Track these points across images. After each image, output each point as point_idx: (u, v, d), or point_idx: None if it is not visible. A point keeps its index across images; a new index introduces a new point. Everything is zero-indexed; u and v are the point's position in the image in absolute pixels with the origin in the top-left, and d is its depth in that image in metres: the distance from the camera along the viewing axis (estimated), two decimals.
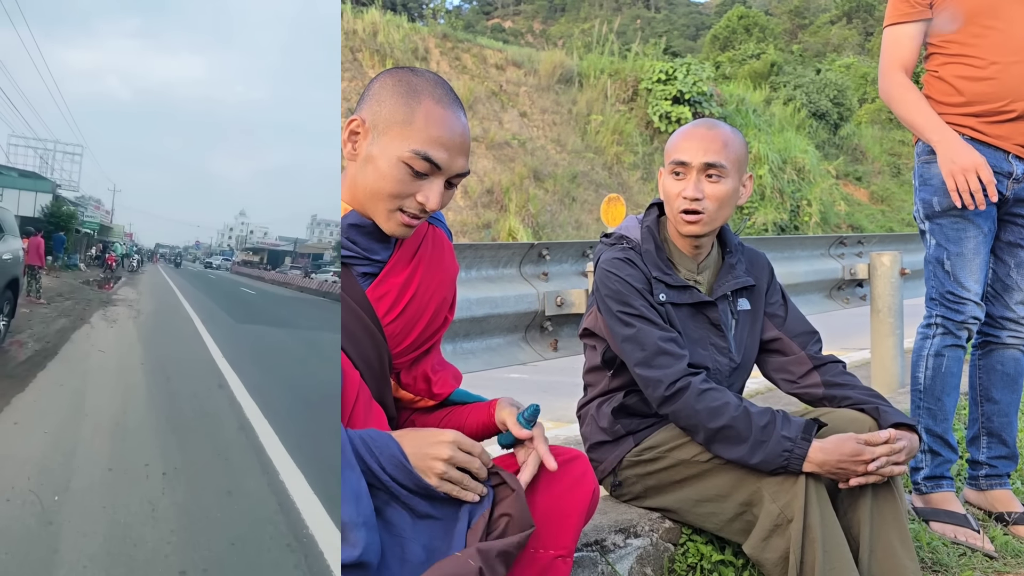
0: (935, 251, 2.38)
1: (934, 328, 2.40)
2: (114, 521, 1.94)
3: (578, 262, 3.29)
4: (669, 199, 1.92)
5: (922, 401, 2.42)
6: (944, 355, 2.38)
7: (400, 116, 1.35)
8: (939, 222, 2.35)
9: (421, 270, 1.48)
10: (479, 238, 13.55)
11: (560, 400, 4.93)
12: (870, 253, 4.29)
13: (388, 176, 1.34)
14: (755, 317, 2.03)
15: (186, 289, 16.83)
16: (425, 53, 16.66)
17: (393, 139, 1.34)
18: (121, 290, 13.81)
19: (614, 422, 1.98)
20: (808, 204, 17.40)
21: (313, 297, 19.75)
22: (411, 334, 1.48)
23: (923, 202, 2.39)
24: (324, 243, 13.57)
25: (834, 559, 1.66)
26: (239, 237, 21.57)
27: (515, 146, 15.83)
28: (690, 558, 1.97)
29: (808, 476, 1.71)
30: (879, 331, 4.10)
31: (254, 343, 7.54)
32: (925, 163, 2.36)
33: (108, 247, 20.88)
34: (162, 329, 8.06)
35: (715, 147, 1.86)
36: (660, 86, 17.11)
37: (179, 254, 18.04)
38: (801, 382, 2.00)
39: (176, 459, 2.56)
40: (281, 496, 2.19)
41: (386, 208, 1.36)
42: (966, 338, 2.39)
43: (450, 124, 1.36)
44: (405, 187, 1.34)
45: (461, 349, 2.82)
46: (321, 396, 4.56)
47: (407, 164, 1.33)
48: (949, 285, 2.35)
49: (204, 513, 2.06)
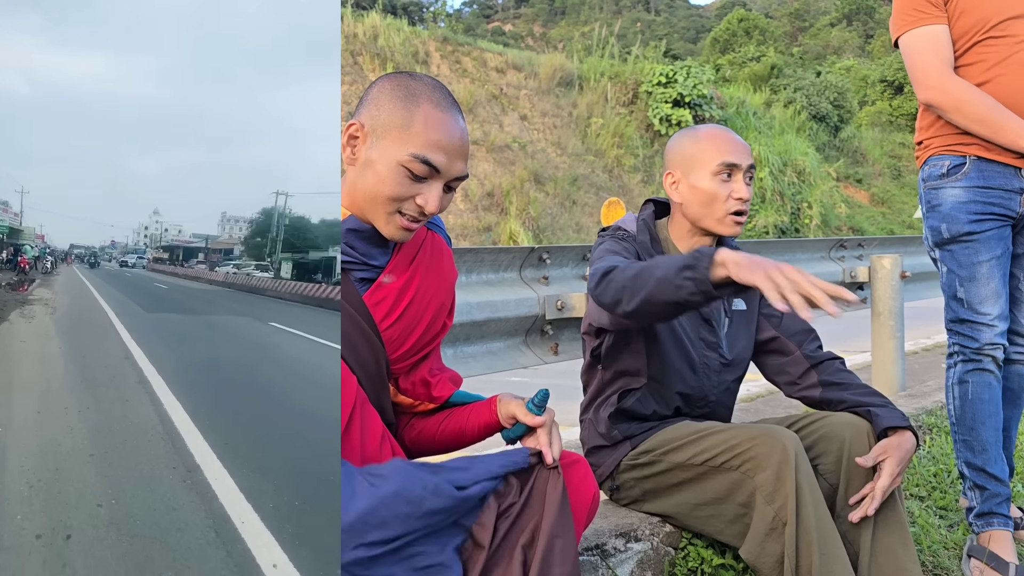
0: (947, 279, 2.26)
1: (955, 357, 2.28)
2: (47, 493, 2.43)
3: (579, 266, 3.30)
4: (714, 201, 1.90)
5: (957, 434, 2.28)
6: (968, 381, 2.25)
7: (399, 120, 1.35)
8: (949, 249, 2.23)
9: (419, 275, 1.48)
10: (480, 241, 13.56)
11: (561, 403, 4.92)
12: (870, 256, 4.29)
13: (387, 180, 1.34)
14: (750, 318, 2.04)
15: (101, 286, 17.51)
16: (426, 57, 16.68)
17: (392, 143, 1.34)
18: (36, 291, 14.31)
19: (612, 427, 1.98)
20: (809, 206, 17.40)
21: (220, 288, 20.47)
22: (409, 339, 1.47)
23: (932, 230, 2.26)
24: (234, 239, 13.75)
25: (831, 561, 1.66)
26: (153, 236, 21.78)
27: (515, 149, 15.84)
28: (691, 562, 1.97)
29: (800, 478, 1.70)
30: (880, 334, 4.10)
31: (164, 329, 8.08)
32: (933, 188, 2.24)
33: (19, 250, 20.82)
34: (78, 321, 8.58)
35: (749, 151, 1.94)
36: (660, 89, 17.13)
37: (95, 254, 18.02)
38: (800, 383, 2.00)
39: (95, 431, 3.25)
40: (184, 456, 2.92)
41: (385, 211, 1.36)
42: (991, 362, 2.25)
43: (448, 128, 1.36)
44: (404, 190, 1.34)
45: (462, 353, 2.81)
46: (233, 375, 5.44)
47: (406, 168, 1.33)
48: (963, 313, 2.23)
49: (124, 475, 2.64)
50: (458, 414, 1.57)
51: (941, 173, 2.22)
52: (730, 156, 1.90)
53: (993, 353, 2.22)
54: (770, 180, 16.82)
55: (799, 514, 1.67)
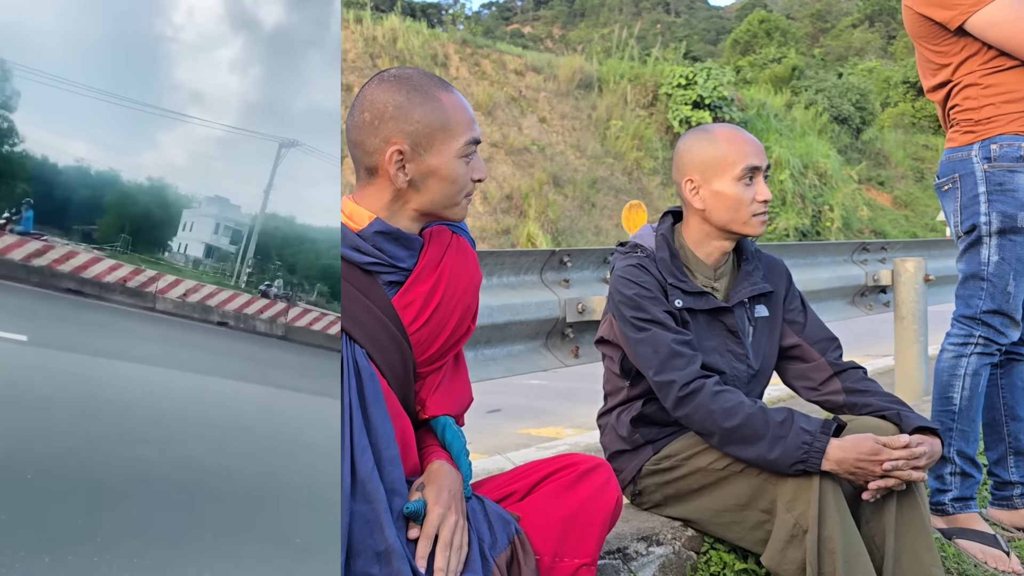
0: (998, 268, 2.19)
1: (974, 347, 2.26)
2: None
3: (599, 269, 3.29)
4: (740, 205, 1.91)
5: (956, 423, 2.30)
6: (981, 374, 2.26)
7: (436, 121, 1.41)
8: (1013, 239, 2.19)
9: (446, 278, 1.49)
10: (498, 244, 13.57)
11: (580, 407, 4.93)
12: (893, 259, 4.25)
13: (455, 176, 1.43)
14: (774, 324, 2.02)
15: None
16: (444, 59, 16.73)
17: (443, 144, 1.41)
18: None
19: (633, 431, 1.98)
20: (830, 209, 17.27)
21: None
22: (436, 342, 1.48)
23: (1002, 215, 2.20)
24: None
25: (855, 570, 1.65)
26: None
27: (534, 152, 15.84)
28: (713, 566, 1.96)
29: (824, 484, 1.70)
30: (903, 338, 4.06)
31: None
32: (1007, 170, 2.18)
33: None
34: None
35: (763, 149, 1.96)
36: (680, 91, 17.07)
37: None
38: (822, 389, 1.99)
39: None
40: None
41: (454, 203, 1.46)
42: (998, 358, 2.29)
43: (463, 102, 1.46)
44: (466, 174, 1.45)
45: (482, 356, 2.82)
46: None
47: (463, 157, 1.43)
48: (1006, 307, 2.19)
49: None
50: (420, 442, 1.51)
51: (1019, 155, 2.16)
52: (753, 159, 1.91)
53: (1005, 350, 2.29)
54: (791, 183, 16.71)
55: (822, 521, 1.67)
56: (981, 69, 2.21)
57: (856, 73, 27.28)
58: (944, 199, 2.36)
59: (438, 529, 1.32)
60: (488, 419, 4.78)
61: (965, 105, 2.26)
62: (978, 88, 2.22)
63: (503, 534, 1.40)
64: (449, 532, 1.32)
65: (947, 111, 2.34)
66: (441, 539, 1.31)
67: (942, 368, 2.35)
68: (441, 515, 1.33)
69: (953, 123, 2.32)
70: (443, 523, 1.33)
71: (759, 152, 1.93)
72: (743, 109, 18.32)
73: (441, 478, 1.39)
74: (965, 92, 2.25)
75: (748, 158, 1.90)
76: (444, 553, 1.30)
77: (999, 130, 2.20)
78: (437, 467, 1.42)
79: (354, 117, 1.43)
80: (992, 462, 2.48)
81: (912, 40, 2.37)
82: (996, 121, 2.20)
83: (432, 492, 1.36)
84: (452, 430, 1.50)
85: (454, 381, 1.56)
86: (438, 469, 1.41)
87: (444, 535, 1.32)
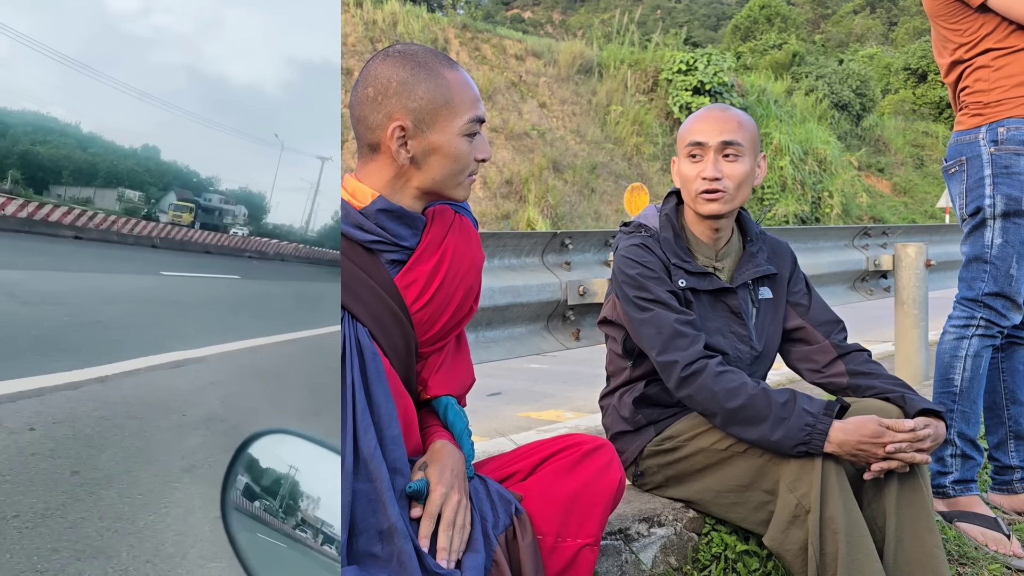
0: (1001, 251, 2.20)
1: (975, 329, 2.27)
2: None
3: (601, 251, 3.28)
4: (687, 182, 1.91)
5: (957, 405, 2.31)
6: (982, 356, 2.27)
7: (440, 98, 1.38)
8: (1017, 221, 2.19)
9: (449, 258, 1.48)
10: (498, 229, 13.55)
11: (581, 390, 4.93)
12: (895, 244, 4.24)
13: (457, 154, 1.40)
14: (777, 306, 2.01)
15: None
16: (445, 44, 16.64)
17: (446, 121, 1.39)
18: None
19: (635, 412, 1.98)
20: (830, 196, 17.25)
21: None
22: (438, 322, 1.47)
23: (1007, 197, 2.19)
24: None
25: (857, 550, 1.65)
26: None
27: (534, 137, 15.79)
28: (714, 548, 1.96)
29: (826, 465, 1.69)
30: (903, 323, 4.06)
31: None
32: (1015, 154, 2.18)
33: None
34: None
35: (730, 127, 1.88)
36: (680, 76, 17.01)
37: None
38: (825, 371, 1.98)
39: None
40: None
41: (458, 181, 1.44)
42: (999, 340, 2.30)
43: (468, 79, 1.43)
44: (469, 154, 1.42)
45: (484, 338, 2.82)
46: None
47: (467, 135, 1.40)
48: (1008, 289, 2.20)
49: None
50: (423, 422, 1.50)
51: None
52: (695, 136, 1.89)
53: (1006, 332, 2.28)
54: (791, 169, 16.68)
55: (824, 502, 1.67)
56: (995, 50, 2.21)
57: (857, 60, 27.18)
58: (950, 181, 2.36)
59: (441, 508, 1.31)
60: (488, 402, 4.78)
61: (976, 87, 2.26)
62: (990, 70, 2.22)
63: (505, 514, 1.39)
64: (452, 511, 1.31)
65: (957, 92, 2.33)
66: (444, 518, 1.31)
67: (944, 350, 2.35)
68: (444, 494, 1.32)
69: (963, 105, 2.32)
70: (446, 502, 1.32)
71: (708, 130, 1.87)
72: (743, 95, 18.26)
73: (444, 457, 1.38)
74: (977, 74, 2.25)
75: (691, 134, 1.90)
76: (447, 532, 1.29)
77: (1007, 113, 2.20)
78: (440, 447, 1.41)
79: (358, 92, 1.41)
80: (992, 446, 2.49)
81: (929, 19, 2.37)
82: (1005, 104, 2.20)
83: (435, 471, 1.35)
84: (454, 410, 1.49)
85: (456, 361, 1.55)
86: (440, 448, 1.40)
87: (447, 514, 1.31)
